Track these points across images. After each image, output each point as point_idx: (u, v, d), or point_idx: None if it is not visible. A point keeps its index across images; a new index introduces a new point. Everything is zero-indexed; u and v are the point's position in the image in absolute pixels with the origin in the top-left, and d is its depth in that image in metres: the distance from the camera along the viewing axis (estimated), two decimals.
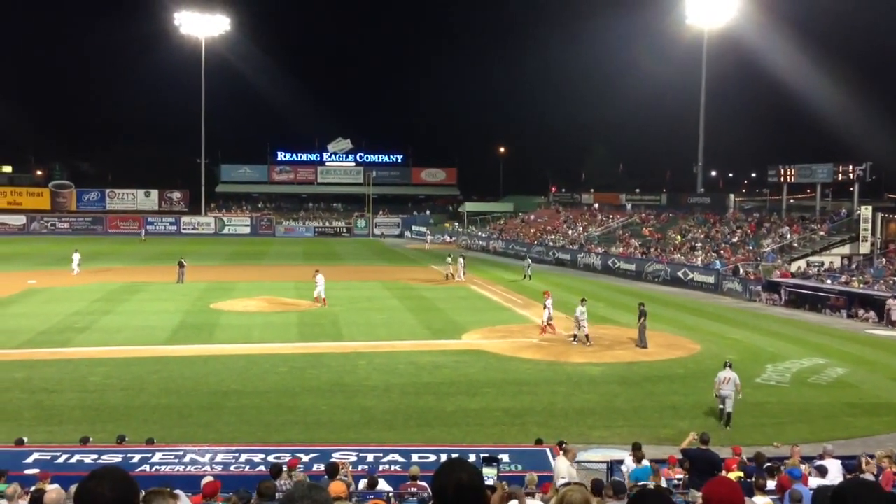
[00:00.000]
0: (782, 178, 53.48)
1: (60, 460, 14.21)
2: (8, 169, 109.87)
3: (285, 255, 64.61)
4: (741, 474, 12.30)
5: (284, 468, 11.90)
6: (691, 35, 66.40)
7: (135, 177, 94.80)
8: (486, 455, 10.41)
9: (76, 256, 47.00)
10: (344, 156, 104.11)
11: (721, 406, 19.29)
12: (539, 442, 15.95)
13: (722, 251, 48.46)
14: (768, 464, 13.00)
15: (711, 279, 44.96)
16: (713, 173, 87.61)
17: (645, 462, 13.48)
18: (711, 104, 68.32)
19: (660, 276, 48.72)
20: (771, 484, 11.23)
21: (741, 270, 43.64)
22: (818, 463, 12.69)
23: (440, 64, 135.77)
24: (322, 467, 12.97)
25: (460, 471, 3.03)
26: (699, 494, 11.80)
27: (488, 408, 20.31)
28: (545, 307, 30.45)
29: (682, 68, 74.80)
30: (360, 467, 13.91)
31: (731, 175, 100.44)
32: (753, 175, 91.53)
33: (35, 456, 14.48)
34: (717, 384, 19.43)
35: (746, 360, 25.91)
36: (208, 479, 10.99)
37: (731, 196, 63.29)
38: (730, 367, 19.71)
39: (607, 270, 53.39)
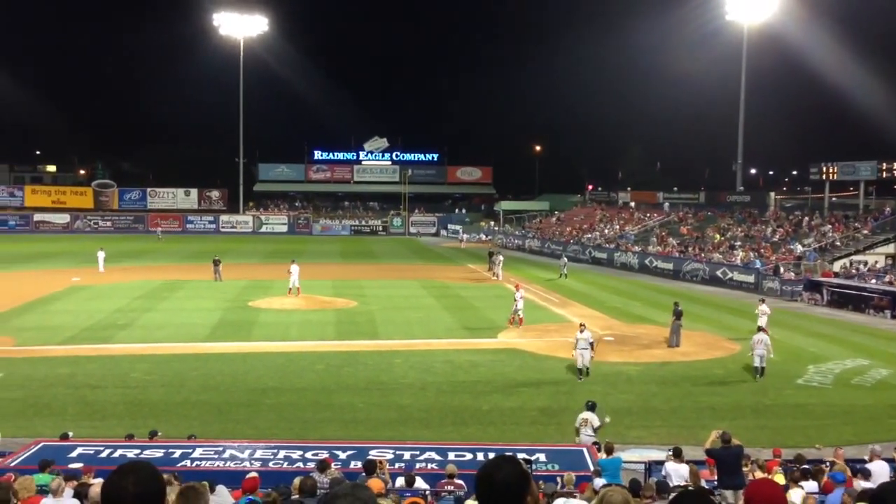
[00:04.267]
0: (824, 176, 52.59)
1: (104, 455, 14.44)
2: (52, 169, 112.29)
3: (322, 254, 65.03)
4: (782, 476, 12.12)
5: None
6: (731, 31, 65.55)
7: (175, 176, 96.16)
8: (522, 457, 10.39)
9: (101, 254, 47.62)
10: (380, 154, 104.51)
11: (755, 364, 23.09)
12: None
13: (762, 250, 47.78)
14: (805, 465, 12.81)
15: (751, 278, 44.32)
16: (753, 171, 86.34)
17: (617, 454, 13.54)
18: (751, 101, 67.50)
19: (698, 275, 48.17)
20: (813, 486, 11.06)
21: (782, 270, 42.96)
22: (863, 466, 12.46)
23: (476, 63, 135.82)
24: (359, 464, 13.05)
25: (506, 467, 3.02)
26: (728, 493, 11.70)
27: (524, 407, 20.27)
28: (515, 300, 30.97)
29: (721, 65, 74.00)
30: (396, 465, 13.94)
31: (771, 173, 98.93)
32: (794, 173, 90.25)
33: (79, 450, 14.74)
34: (752, 345, 23.34)
35: (788, 360, 25.53)
36: (253, 474, 11.11)
37: (772, 194, 62.35)
38: (762, 331, 23.81)
39: (644, 269, 52.92)
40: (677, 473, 13.10)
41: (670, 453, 13.89)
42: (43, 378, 22.18)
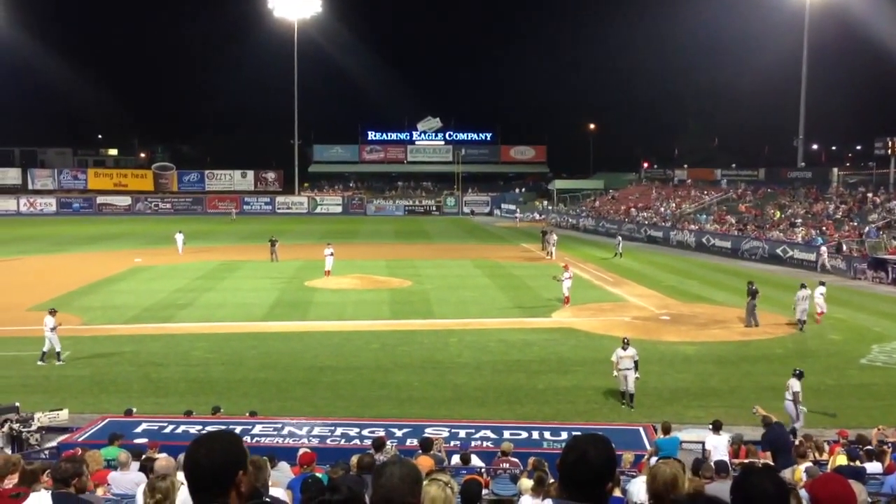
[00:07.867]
0: (890, 151, 50.95)
1: (167, 430, 14.86)
2: (114, 152, 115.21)
3: (377, 234, 65.55)
4: (845, 457, 11.88)
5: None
6: (793, 2, 63.60)
7: (232, 158, 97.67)
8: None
9: (180, 237, 48.51)
10: (433, 134, 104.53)
11: (797, 317, 25.65)
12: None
13: (824, 227, 46.56)
14: (869, 447, 12.55)
15: (812, 256, 43.26)
16: (815, 147, 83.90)
17: (675, 434, 13.56)
18: (813, 74, 65.35)
19: (757, 253, 47.21)
20: (878, 467, 10.84)
21: (844, 247, 41.81)
22: None
23: (528, 41, 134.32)
24: (415, 442, 13.18)
25: (602, 446, 3.00)
26: (786, 472, 11.52)
27: (579, 386, 20.20)
28: (562, 280, 30.71)
29: (782, 37, 71.66)
30: (452, 443, 14.05)
31: (833, 148, 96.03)
32: (858, 148, 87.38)
33: (144, 426, 15.19)
34: (796, 301, 25.64)
35: (851, 340, 24.94)
36: (304, 450, 11.32)
37: (835, 170, 60.58)
38: (804, 287, 26.08)
39: (701, 248, 52.06)
40: (720, 445, 13.09)
41: (711, 427, 13.90)
42: (109, 356, 22.86)
